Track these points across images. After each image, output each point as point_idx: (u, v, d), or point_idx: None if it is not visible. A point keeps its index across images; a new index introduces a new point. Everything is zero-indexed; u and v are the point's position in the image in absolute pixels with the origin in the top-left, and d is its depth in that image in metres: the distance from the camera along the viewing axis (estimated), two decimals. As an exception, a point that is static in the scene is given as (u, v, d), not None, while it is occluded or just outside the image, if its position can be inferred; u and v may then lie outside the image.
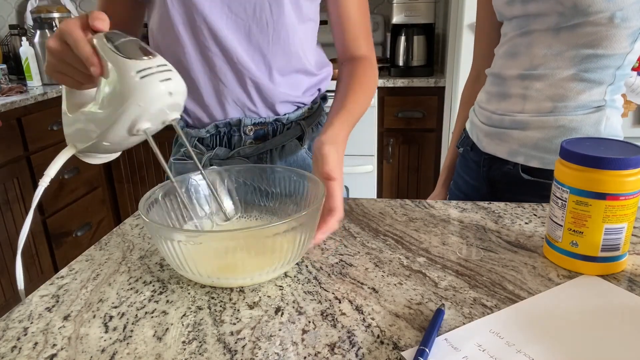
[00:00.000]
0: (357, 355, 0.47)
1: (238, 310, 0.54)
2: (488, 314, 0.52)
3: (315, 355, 0.47)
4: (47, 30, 2.35)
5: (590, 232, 0.58)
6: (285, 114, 0.92)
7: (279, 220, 0.55)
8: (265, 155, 0.93)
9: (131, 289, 0.60)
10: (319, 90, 0.98)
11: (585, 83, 0.83)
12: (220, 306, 0.55)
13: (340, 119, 0.79)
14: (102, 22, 0.58)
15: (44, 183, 0.60)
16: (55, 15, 2.74)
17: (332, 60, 1.02)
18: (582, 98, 0.84)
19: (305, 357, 0.47)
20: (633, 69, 1.59)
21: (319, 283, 0.59)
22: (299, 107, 0.94)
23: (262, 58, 0.86)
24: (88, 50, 0.56)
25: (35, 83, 2.36)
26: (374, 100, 2.27)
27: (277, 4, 0.82)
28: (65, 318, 0.54)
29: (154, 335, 0.51)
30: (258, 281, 0.59)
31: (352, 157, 2.37)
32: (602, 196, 0.56)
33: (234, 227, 0.70)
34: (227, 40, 0.83)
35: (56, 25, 2.67)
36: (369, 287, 0.58)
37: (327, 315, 0.53)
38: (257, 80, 0.87)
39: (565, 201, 0.59)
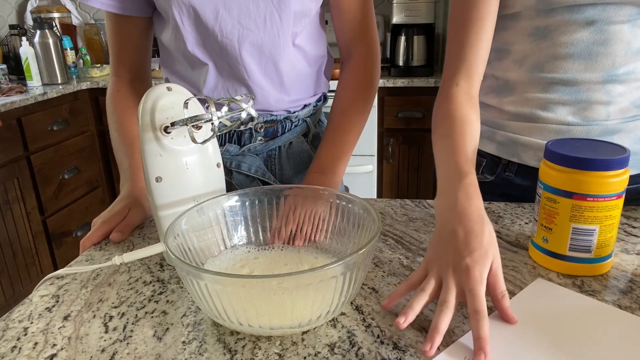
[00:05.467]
0: (357, 355, 0.47)
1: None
2: (488, 314, 0.52)
3: (315, 355, 0.47)
4: (47, 30, 2.35)
5: (559, 229, 0.59)
6: (294, 112, 0.94)
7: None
8: (274, 152, 0.94)
9: (131, 289, 0.60)
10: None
11: None
12: (220, 306, 0.55)
13: (328, 151, 0.87)
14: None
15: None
16: (55, 15, 2.74)
17: (335, 60, 1.02)
18: None
19: (305, 357, 0.47)
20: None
21: (319, 283, 0.59)
22: (305, 106, 0.96)
23: (274, 69, 0.87)
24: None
25: (35, 83, 2.35)
26: (374, 100, 2.27)
27: (285, 12, 0.82)
28: (65, 318, 0.54)
29: (154, 335, 0.51)
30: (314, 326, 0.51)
31: (352, 157, 2.35)
32: (568, 195, 0.56)
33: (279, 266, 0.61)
34: (241, 57, 0.83)
35: (56, 26, 2.67)
36: (369, 287, 0.58)
37: (327, 315, 0.53)
38: (268, 94, 0.88)
39: (540, 197, 0.60)
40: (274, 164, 0.95)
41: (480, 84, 0.76)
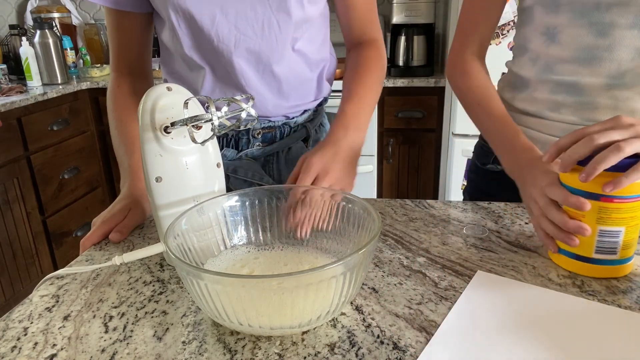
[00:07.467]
0: (357, 355, 0.47)
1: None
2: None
3: (315, 355, 0.47)
4: (47, 30, 2.35)
5: None
6: (293, 118, 0.93)
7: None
8: (272, 157, 0.93)
9: (131, 289, 0.60)
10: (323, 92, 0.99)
11: None
12: (220, 306, 0.55)
13: (350, 107, 0.83)
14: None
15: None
16: (55, 15, 2.74)
17: (340, 60, 1.02)
18: None
19: (305, 357, 0.47)
20: None
21: (319, 283, 0.59)
22: (305, 111, 0.95)
23: (272, 75, 0.86)
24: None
25: (35, 83, 2.35)
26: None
27: (284, 18, 0.81)
28: (65, 318, 0.54)
29: (154, 335, 0.51)
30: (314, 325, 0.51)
31: (352, 157, 2.36)
32: (595, 197, 0.56)
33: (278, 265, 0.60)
34: (237, 63, 0.83)
35: (56, 26, 2.67)
36: (369, 287, 0.58)
37: (327, 315, 0.53)
38: (266, 100, 0.88)
39: None
40: (272, 169, 0.94)
41: (487, 48, 0.89)
